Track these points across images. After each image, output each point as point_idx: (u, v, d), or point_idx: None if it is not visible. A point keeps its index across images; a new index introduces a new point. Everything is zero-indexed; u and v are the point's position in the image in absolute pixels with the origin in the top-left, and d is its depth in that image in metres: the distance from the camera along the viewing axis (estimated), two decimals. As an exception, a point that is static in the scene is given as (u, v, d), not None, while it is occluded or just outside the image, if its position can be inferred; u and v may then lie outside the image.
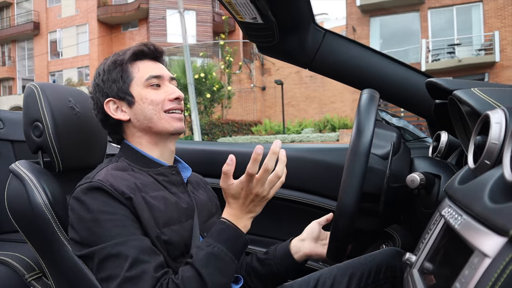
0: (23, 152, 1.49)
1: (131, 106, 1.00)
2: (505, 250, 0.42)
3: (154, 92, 1.00)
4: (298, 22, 1.25)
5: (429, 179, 0.95)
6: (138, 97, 0.99)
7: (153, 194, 0.93)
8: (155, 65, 1.04)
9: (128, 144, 1.02)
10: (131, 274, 0.78)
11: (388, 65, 1.31)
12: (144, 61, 1.03)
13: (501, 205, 0.48)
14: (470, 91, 0.81)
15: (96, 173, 0.92)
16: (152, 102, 0.99)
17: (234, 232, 0.86)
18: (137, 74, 1.00)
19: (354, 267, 1.03)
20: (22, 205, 1.00)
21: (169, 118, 1.00)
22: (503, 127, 0.59)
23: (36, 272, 1.22)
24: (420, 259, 0.70)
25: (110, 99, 1.01)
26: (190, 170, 1.09)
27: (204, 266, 0.81)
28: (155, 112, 0.99)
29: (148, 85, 1.00)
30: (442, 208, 0.69)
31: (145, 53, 1.02)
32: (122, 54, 1.02)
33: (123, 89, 1.00)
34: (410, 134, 1.72)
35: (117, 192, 0.86)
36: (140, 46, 1.02)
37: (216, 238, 0.85)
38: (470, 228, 0.52)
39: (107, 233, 0.83)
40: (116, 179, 0.89)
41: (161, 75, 1.02)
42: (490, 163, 0.60)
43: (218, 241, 0.84)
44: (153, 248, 0.85)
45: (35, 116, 1.07)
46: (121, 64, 1.00)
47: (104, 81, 1.01)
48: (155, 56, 1.05)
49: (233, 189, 0.86)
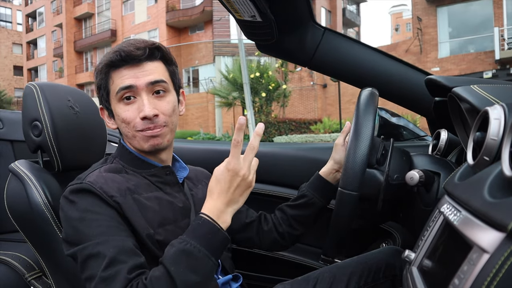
0: (23, 152, 1.49)
1: (113, 118, 0.98)
2: (503, 245, 0.42)
3: (125, 108, 0.92)
4: (297, 20, 1.24)
5: (428, 176, 0.95)
6: (114, 112, 0.95)
7: (147, 195, 0.92)
8: (131, 72, 0.91)
9: (124, 144, 1.00)
10: (106, 274, 0.76)
11: (388, 63, 1.30)
12: (119, 70, 0.92)
13: (500, 200, 0.48)
14: (470, 88, 0.81)
15: (88, 174, 0.91)
16: (124, 121, 0.92)
17: (211, 227, 0.80)
18: (111, 87, 0.93)
19: (353, 266, 1.03)
20: (21, 204, 1.00)
21: (142, 137, 0.93)
22: (502, 123, 0.59)
23: (36, 271, 1.23)
24: (419, 256, 0.70)
25: (101, 106, 1.00)
26: (187, 170, 1.08)
27: (173, 263, 0.76)
28: (128, 130, 0.93)
29: (120, 99, 0.92)
30: (441, 205, 0.69)
31: (116, 62, 0.91)
32: (101, 61, 0.94)
33: (104, 100, 0.97)
34: (410, 132, 1.71)
35: (105, 195, 0.85)
36: (111, 55, 0.91)
37: (190, 234, 0.79)
38: (469, 224, 0.52)
39: (91, 232, 0.81)
40: (106, 182, 0.88)
41: (133, 84, 0.90)
42: (489, 159, 0.60)
43: (192, 237, 0.79)
44: (133, 249, 0.82)
45: (34, 116, 1.07)
46: (100, 73, 0.94)
47: (95, 85, 0.98)
48: (132, 62, 0.91)
49: (219, 171, 0.82)
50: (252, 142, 0.82)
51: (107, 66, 0.92)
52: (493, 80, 0.90)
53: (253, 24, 1.18)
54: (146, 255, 0.86)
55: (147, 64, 0.93)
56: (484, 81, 0.87)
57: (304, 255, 1.62)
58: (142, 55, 0.91)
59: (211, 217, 0.81)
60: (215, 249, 0.79)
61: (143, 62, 0.92)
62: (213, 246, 0.79)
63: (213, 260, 0.78)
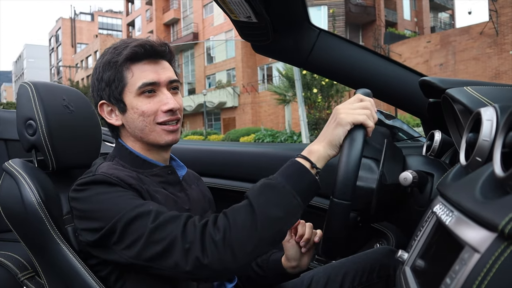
0: (17, 151, 1.48)
1: (123, 113, 0.95)
2: (494, 245, 0.43)
3: (146, 101, 0.92)
4: (293, 21, 1.25)
5: (422, 177, 0.95)
6: (129, 106, 0.93)
7: (155, 189, 0.92)
8: (153, 67, 0.93)
9: (123, 143, 0.99)
10: (157, 223, 0.75)
11: (382, 64, 1.31)
12: (140, 64, 0.92)
13: (491, 200, 0.48)
14: (463, 90, 0.81)
15: (98, 166, 0.91)
16: (143, 114, 0.92)
17: (299, 167, 0.79)
18: (131, 80, 0.92)
19: (348, 266, 1.03)
20: (15, 203, 1.00)
21: (161, 130, 0.94)
22: (494, 124, 0.60)
23: (29, 271, 1.22)
24: (412, 256, 0.70)
25: (103, 102, 0.97)
26: (185, 169, 1.08)
27: (256, 196, 0.76)
28: (146, 124, 0.93)
29: (140, 93, 0.92)
30: (434, 205, 0.70)
31: (140, 55, 0.92)
32: (118, 53, 0.92)
33: (115, 95, 0.93)
34: (404, 133, 1.72)
35: (124, 182, 0.84)
36: (134, 48, 0.91)
37: (279, 172, 0.79)
38: (461, 224, 0.53)
39: (121, 205, 0.80)
40: (119, 172, 0.88)
41: (157, 80, 0.92)
42: (481, 160, 0.61)
43: (279, 174, 0.78)
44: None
45: (29, 115, 1.06)
46: (115, 66, 0.92)
47: (99, 81, 0.95)
48: (154, 57, 0.94)
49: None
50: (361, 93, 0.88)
51: (127, 59, 0.91)
52: (486, 82, 0.91)
53: (249, 25, 1.18)
54: None
55: (164, 62, 0.96)
56: (477, 82, 0.88)
57: None
58: (164, 51, 0.95)
59: (305, 156, 0.80)
60: (301, 189, 0.77)
61: (161, 60, 0.96)
62: (300, 186, 0.77)
63: (298, 200, 0.76)
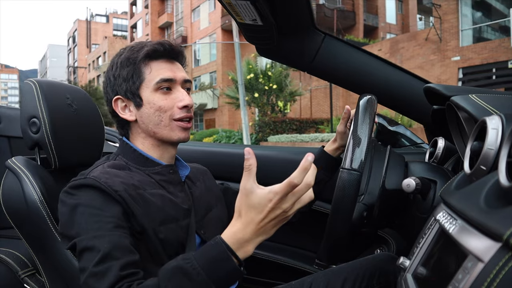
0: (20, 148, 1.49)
1: (138, 108, 0.97)
2: (498, 254, 0.42)
3: (163, 97, 0.96)
4: (298, 25, 1.25)
5: (424, 184, 0.95)
6: (146, 101, 0.96)
7: (151, 191, 0.92)
8: (169, 66, 0.98)
9: (127, 142, 1.00)
10: (97, 269, 0.76)
11: (387, 70, 1.31)
12: (158, 61, 0.97)
13: (496, 210, 0.48)
14: (468, 97, 0.81)
15: (92, 169, 0.91)
16: (160, 109, 0.95)
17: (222, 254, 0.70)
18: (149, 76, 0.96)
19: (348, 271, 1.03)
20: (17, 201, 1.00)
21: (176, 127, 0.97)
22: (499, 133, 0.60)
23: (29, 268, 1.22)
24: (414, 263, 0.70)
25: (118, 97, 0.98)
26: (189, 169, 1.08)
27: (166, 279, 0.71)
28: (162, 119, 0.96)
29: (157, 88, 0.95)
30: (437, 213, 0.69)
31: (159, 52, 0.96)
32: (137, 51, 0.96)
33: (132, 89, 0.96)
34: (407, 139, 1.72)
35: (110, 189, 0.85)
36: (154, 45, 0.96)
37: (198, 253, 0.72)
38: (464, 233, 0.52)
39: (89, 226, 0.81)
40: (110, 177, 0.88)
41: (174, 78, 0.96)
42: (486, 169, 0.61)
43: (197, 257, 0.71)
44: (129, 247, 0.81)
45: (33, 113, 1.06)
46: (134, 63, 0.96)
47: (115, 77, 0.98)
48: (172, 56, 0.99)
49: (259, 198, 0.69)
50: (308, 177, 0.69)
51: (147, 56, 0.96)
52: (491, 90, 0.91)
53: (254, 28, 1.18)
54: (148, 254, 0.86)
55: (178, 64, 1.01)
56: (482, 90, 0.88)
57: (299, 259, 1.62)
58: (180, 53, 1.01)
59: (226, 243, 0.71)
60: (219, 277, 0.70)
61: (176, 61, 1.01)
62: (218, 274, 0.70)
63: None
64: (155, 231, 0.88)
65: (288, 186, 0.67)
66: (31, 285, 1.17)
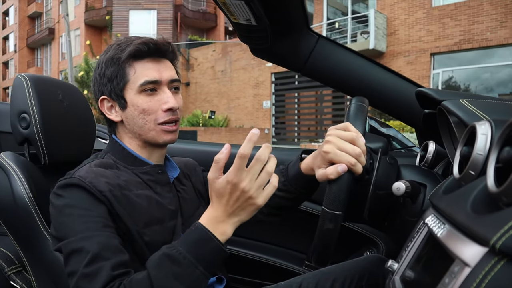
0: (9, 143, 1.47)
1: (123, 109, 0.95)
2: (485, 259, 0.43)
3: (147, 99, 0.93)
4: (292, 26, 1.25)
5: (414, 187, 0.96)
6: (130, 103, 0.94)
7: (137, 193, 0.91)
8: (155, 65, 0.94)
9: (117, 140, 0.99)
10: (88, 270, 0.75)
11: (379, 73, 1.31)
12: (142, 62, 0.93)
13: (483, 215, 0.48)
14: (459, 102, 0.82)
15: (78, 169, 0.90)
16: (144, 111, 0.93)
17: (202, 234, 0.75)
18: (133, 77, 0.93)
19: (337, 272, 1.03)
20: (5, 197, 0.99)
21: (160, 130, 0.94)
22: (488, 138, 0.60)
23: (16, 266, 1.21)
24: (402, 266, 0.70)
25: (104, 97, 0.97)
26: (178, 171, 1.07)
27: (155, 268, 0.73)
28: (146, 122, 0.94)
29: (142, 90, 0.92)
30: (426, 216, 0.70)
31: (143, 52, 0.92)
32: (121, 50, 0.93)
33: (116, 91, 0.94)
34: (399, 142, 1.73)
35: (95, 189, 0.84)
36: (138, 45, 0.92)
37: (180, 240, 0.76)
38: (452, 237, 0.53)
39: (76, 227, 0.80)
40: (96, 176, 0.87)
41: (159, 79, 0.93)
42: (474, 174, 0.61)
43: (180, 243, 0.75)
44: (118, 247, 0.81)
45: (23, 108, 1.05)
46: (117, 63, 0.93)
47: (100, 76, 0.96)
48: (158, 55, 0.95)
49: (219, 183, 0.75)
50: (260, 154, 0.74)
51: (130, 56, 0.92)
52: (482, 95, 0.92)
53: (248, 28, 1.18)
54: (134, 255, 0.85)
55: (166, 61, 0.97)
56: (473, 95, 0.88)
57: (288, 260, 1.62)
58: (167, 51, 0.96)
59: (204, 225, 0.77)
60: (204, 258, 0.74)
61: (164, 58, 0.97)
62: (203, 255, 0.74)
63: (201, 270, 0.73)
64: (140, 233, 0.87)
65: (238, 158, 0.73)
66: (17, 282, 1.16)
